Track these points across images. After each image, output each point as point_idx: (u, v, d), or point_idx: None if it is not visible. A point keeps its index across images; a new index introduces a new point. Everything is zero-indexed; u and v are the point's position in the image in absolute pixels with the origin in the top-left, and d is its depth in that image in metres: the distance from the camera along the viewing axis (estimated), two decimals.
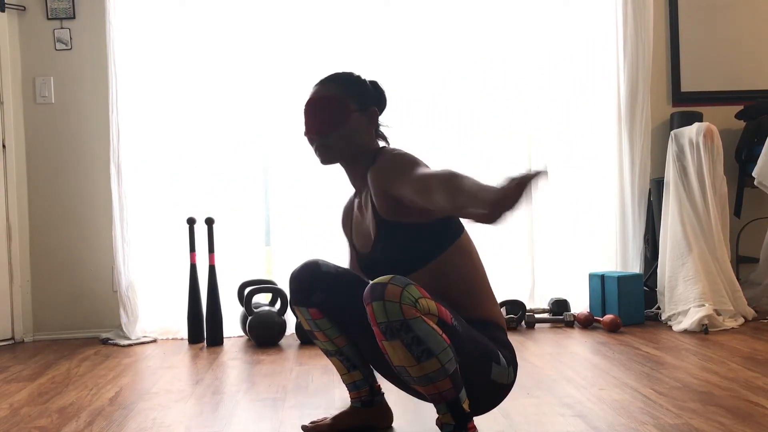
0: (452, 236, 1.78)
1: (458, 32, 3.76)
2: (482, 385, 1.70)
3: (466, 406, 1.62)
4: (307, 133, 1.82)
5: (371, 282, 1.59)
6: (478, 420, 1.89)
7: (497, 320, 1.82)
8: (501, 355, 1.74)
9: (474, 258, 1.82)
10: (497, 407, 1.83)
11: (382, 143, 1.89)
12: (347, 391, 2.01)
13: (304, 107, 1.82)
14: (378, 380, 2.00)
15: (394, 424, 2.01)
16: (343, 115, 1.79)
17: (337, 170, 1.91)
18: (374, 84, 1.90)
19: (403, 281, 1.56)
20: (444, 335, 1.57)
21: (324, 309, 1.88)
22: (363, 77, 1.89)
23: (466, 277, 1.78)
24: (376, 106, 1.86)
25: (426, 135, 3.72)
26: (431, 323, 1.56)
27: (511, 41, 3.78)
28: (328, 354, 1.96)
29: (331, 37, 3.69)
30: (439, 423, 1.65)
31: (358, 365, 1.95)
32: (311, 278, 1.87)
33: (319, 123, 1.79)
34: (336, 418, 1.97)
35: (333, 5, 3.70)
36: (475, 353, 1.68)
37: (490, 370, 1.70)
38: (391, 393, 2.31)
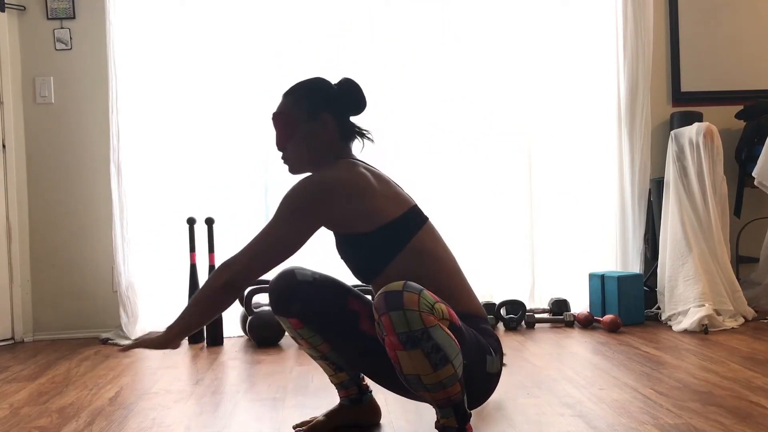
0: (401, 241, 1.74)
1: (458, 32, 3.76)
2: (480, 379, 1.70)
3: (466, 405, 1.62)
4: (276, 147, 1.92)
5: (382, 290, 1.53)
6: (478, 420, 1.89)
7: (477, 311, 1.80)
8: (489, 345, 1.73)
9: (435, 255, 1.78)
10: (500, 410, 1.83)
11: (358, 143, 1.89)
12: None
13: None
14: (365, 379, 2.01)
15: (394, 424, 2.01)
16: (290, 128, 1.84)
17: None
18: (342, 84, 1.86)
19: (417, 287, 1.53)
20: (455, 339, 1.55)
21: (304, 319, 1.86)
22: (322, 82, 1.87)
23: (429, 276, 1.72)
24: (333, 110, 1.83)
25: (426, 135, 3.74)
26: (446, 328, 1.53)
27: (511, 41, 3.78)
28: (314, 358, 1.97)
29: (331, 37, 3.69)
30: (441, 427, 1.62)
31: (344, 367, 1.96)
32: (287, 289, 1.84)
33: (277, 137, 1.88)
34: (327, 415, 1.98)
35: (332, 5, 3.71)
36: (474, 348, 1.66)
37: (485, 363, 1.70)
38: (391, 392, 2.31)
